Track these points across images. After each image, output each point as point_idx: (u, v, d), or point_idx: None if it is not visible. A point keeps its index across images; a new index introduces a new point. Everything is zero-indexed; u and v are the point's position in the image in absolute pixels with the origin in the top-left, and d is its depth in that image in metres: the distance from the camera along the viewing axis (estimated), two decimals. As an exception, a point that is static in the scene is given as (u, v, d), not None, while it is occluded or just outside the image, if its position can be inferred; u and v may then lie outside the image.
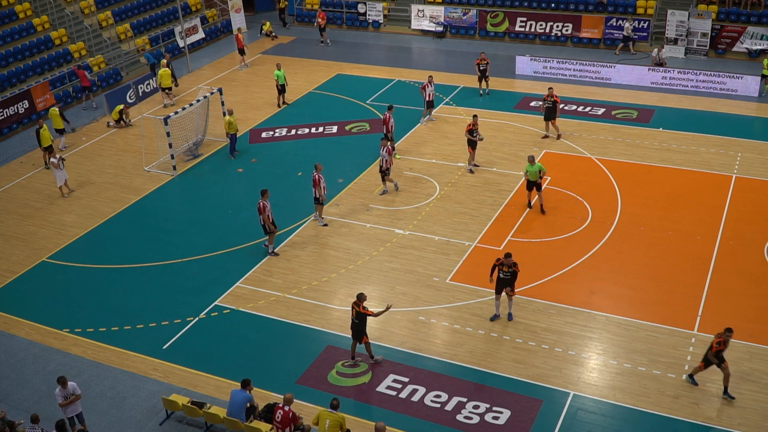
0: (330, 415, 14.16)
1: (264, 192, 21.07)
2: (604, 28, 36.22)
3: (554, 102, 26.66)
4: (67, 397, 15.30)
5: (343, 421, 14.18)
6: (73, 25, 36.22)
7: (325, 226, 22.60)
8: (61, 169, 25.05)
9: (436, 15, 39.38)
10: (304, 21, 43.22)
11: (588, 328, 18.08)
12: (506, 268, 17.66)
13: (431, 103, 28.70)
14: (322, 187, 22.08)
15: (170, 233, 23.12)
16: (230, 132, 26.86)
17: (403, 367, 17.11)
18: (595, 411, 15.74)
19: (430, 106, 28.80)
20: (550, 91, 26.92)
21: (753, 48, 33.71)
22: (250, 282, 20.44)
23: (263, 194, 21.04)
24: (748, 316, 18.09)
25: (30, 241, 23.04)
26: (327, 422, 14.12)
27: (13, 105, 30.50)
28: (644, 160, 25.54)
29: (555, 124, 27.14)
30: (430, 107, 28.87)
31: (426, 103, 28.70)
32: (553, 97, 26.68)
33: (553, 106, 26.71)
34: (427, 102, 28.63)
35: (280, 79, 30.87)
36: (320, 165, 22.40)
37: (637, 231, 21.65)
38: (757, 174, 24.32)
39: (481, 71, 31.19)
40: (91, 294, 20.44)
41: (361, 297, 16.74)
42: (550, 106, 26.72)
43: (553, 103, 26.67)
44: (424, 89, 28.46)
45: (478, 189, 24.25)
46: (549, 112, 26.81)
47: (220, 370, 17.38)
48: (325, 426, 14.12)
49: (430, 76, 28.72)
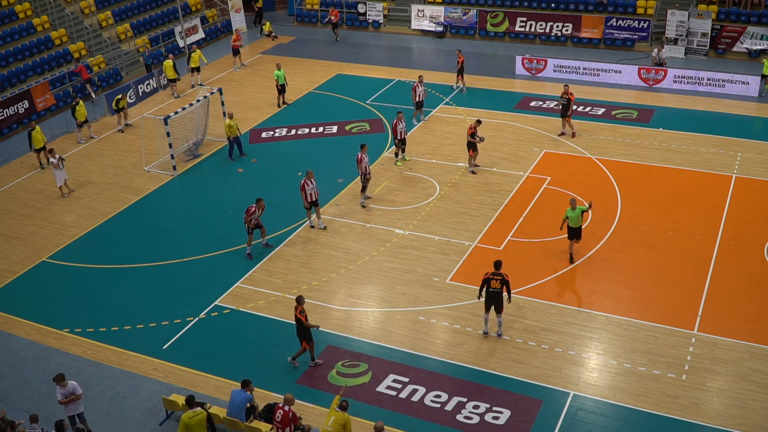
0: (336, 414, 14.17)
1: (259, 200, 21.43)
2: (604, 28, 36.24)
3: (568, 100, 26.69)
4: (67, 396, 15.30)
5: (346, 421, 14.16)
6: (73, 25, 36.22)
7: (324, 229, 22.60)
8: (61, 169, 25.06)
9: (436, 15, 39.39)
10: (304, 21, 43.23)
11: (588, 328, 18.08)
12: (496, 282, 17.08)
13: (420, 104, 28.65)
14: (307, 192, 21.93)
15: (170, 233, 23.12)
16: (230, 135, 26.78)
17: (403, 367, 17.11)
18: (595, 411, 15.74)
19: (420, 106, 28.76)
20: (565, 88, 26.88)
21: (753, 48, 33.71)
22: (250, 282, 20.44)
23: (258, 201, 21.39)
24: (748, 316, 18.10)
25: (30, 241, 23.04)
26: (331, 419, 14.13)
27: (13, 105, 30.51)
28: (644, 160, 25.54)
29: (569, 121, 27.20)
30: (420, 108, 28.83)
31: (415, 104, 28.67)
32: (568, 94, 26.67)
33: (567, 104, 26.75)
34: (417, 102, 28.58)
35: (280, 79, 30.90)
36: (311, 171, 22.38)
37: (637, 231, 21.65)
38: (757, 174, 24.32)
39: (459, 69, 31.43)
40: (91, 294, 20.45)
41: (299, 300, 16.81)
42: (564, 104, 26.79)
43: (567, 101, 26.70)
44: (414, 90, 28.42)
45: (478, 189, 24.26)
46: (563, 110, 26.96)
47: (220, 370, 17.38)
48: (329, 422, 14.12)
49: (420, 76, 28.74)
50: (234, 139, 26.90)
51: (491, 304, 17.46)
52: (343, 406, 14.25)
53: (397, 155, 26.10)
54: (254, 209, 21.13)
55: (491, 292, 17.29)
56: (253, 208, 21.13)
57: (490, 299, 17.40)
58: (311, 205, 22.27)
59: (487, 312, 17.68)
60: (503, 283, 17.15)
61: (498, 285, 17.15)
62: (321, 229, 22.50)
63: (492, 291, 17.26)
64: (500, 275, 17.17)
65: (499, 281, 17.14)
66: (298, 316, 16.68)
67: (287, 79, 31.73)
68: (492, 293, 17.30)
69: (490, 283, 17.20)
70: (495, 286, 17.17)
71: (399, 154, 26.05)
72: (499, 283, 17.14)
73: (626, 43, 35.98)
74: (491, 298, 17.37)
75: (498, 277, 17.16)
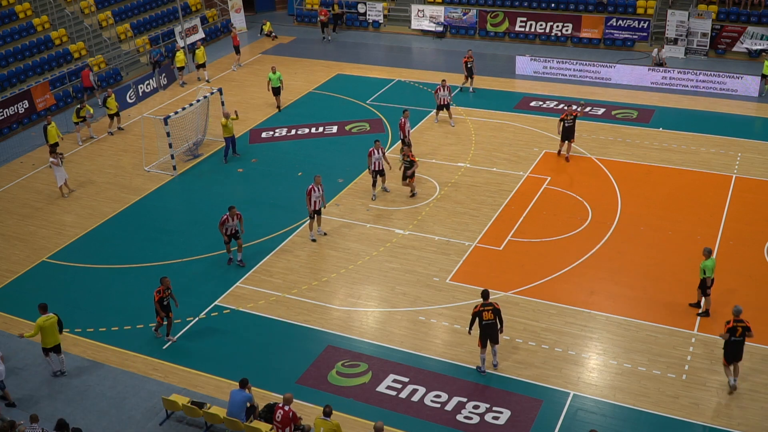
0: (324, 423, 14.12)
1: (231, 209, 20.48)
2: (604, 28, 36.24)
3: (574, 119, 25.14)
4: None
5: (337, 428, 14.15)
6: (73, 25, 36.22)
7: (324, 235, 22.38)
8: (61, 167, 25.03)
9: (436, 15, 39.38)
10: (304, 21, 43.23)
11: (588, 328, 18.08)
12: (488, 314, 16.24)
13: (442, 107, 28.36)
14: (312, 199, 21.39)
15: (170, 233, 23.11)
16: (226, 135, 26.72)
17: (403, 367, 17.11)
18: (595, 411, 15.74)
19: (441, 109, 28.52)
20: (568, 109, 25.80)
21: (753, 48, 33.71)
22: (250, 282, 20.44)
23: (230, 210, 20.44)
24: (748, 316, 18.01)
25: (30, 241, 23.04)
26: (321, 429, 14.08)
27: (13, 105, 30.49)
28: (644, 160, 25.54)
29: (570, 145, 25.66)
30: (440, 110, 28.61)
31: (438, 106, 28.50)
32: (573, 113, 25.18)
33: (573, 125, 25.13)
34: (439, 105, 28.39)
35: (273, 81, 30.56)
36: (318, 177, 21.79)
37: (637, 231, 21.65)
38: (757, 174, 24.32)
39: (468, 69, 31.21)
40: (91, 294, 20.45)
41: (163, 281, 17.88)
42: (569, 125, 25.04)
43: (573, 120, 25.08)
44: (436, 93, 28.30)
45: (478, 189, 24.26)
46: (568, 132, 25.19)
47: (220, 370, 17.38)
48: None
49: (443, 80, 28.20)
50: (229, 138, 26.82)
51: (486, 337, 16.44)
52: (326, 412, 14.15)
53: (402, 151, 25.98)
54: (226, 218, 20.32)
55: (485, 324, 16.31)
56: (225, 216, 20.36)
57: (485, 333, 16.39)
58: (315, 213, 21.76)
59: (483, 348, 16.60)
60: (495, 312, 16.35)
61: (491, 316, 16.28)
62: (321, 235, 22.29)
63: (486, 323, 16.30)
64: (491, 305, 16.39)
65: (491, 311, 16.31)
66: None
67: (283, 83, 31.38)
68: (486, 326, 16.32)
69: (482, 316, 16.28)
70: (488, 318, 16.28)
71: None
72: (492, 314, 16.30)
73: (626, 43, 35.98)
74: (486, 331, 16.37)
75: (489, 308, 16.33)
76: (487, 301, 16.52)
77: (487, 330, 16.40)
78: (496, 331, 16.51)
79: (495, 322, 16.41)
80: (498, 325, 16.49)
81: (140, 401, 16.65)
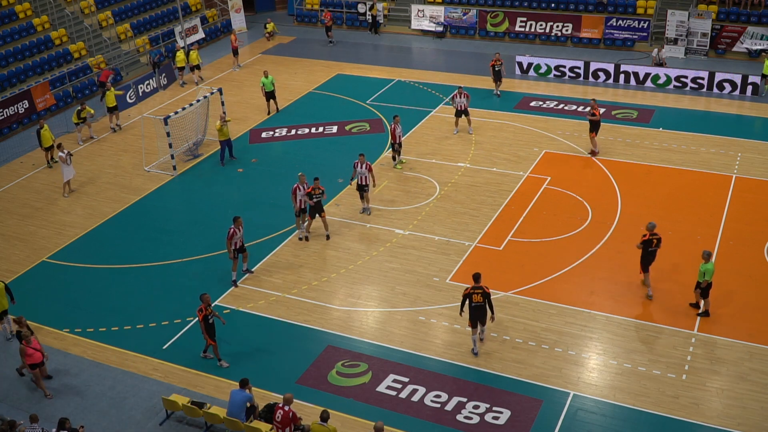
0: (321, 429, 14.12)
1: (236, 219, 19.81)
2: (604, 28, 36.24)
3: (593, 114, 25.27)
4: None
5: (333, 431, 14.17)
6: (73, 25, 36.22)
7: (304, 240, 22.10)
8: (69, 165, 24.98)
9: (436, 15, 39.39)
10: (304, 21, 43.23)
11: (588, 328, 18.08)
12: (477, 296, 16.55)
13: (460, 113, 27.57)
14: (297, 198, 21.39)
15: (170, 233, 23.11)
16: (221, 139, 26.45)
17: (403, 367, 17.11)
18: (595, 411, 15.74)
19: (459, 115, 27.69)
20: (592, 102, 25.76)
21: (753, 48, 33.72)
22: (250, 282, 20.44)
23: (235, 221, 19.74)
24: (748, 316, 18.09)
25: (30, 241, 23.04)
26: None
27: (13, 105, 30.49)
28: (644, 160, 25.54)
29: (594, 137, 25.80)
30: (459, 116, 27.75)
31: (456, 112, 27.66)
32: (594, 109, 25.31)
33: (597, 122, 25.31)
34: (457, 111, 27.58)
35: (266, 86, 30.24)
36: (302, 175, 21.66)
37: (637, 231, 21.57)
38: (757, 174, 24.32)
39: (496, 72, 30.88)
40: (91, 294, 20.44)
41: (203, 298, 16.98)
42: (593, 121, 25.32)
43: (592, 115, 25.28)
44: (453, 99, 27.68)
45: (478, 189, 24.25)
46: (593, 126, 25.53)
47: (220, 370, 17.38)
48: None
49: (460, 88, 27.45)
50: (225, 141, 26.70)
51: (476, 319, 16.90)
52: (324, 418, 14.16)
53: (394, 159, 25.99)
54: (233, 230, 19.49)
55: (474, 306, 16.71)
56: (232, 229, 19.51)
57: (474, 314, 16.84)
58: (300, 212, 21.70)
59: (474, 329, 17.09)
60: (485, 296, 16.62)
61: (480, 299, 16.59)
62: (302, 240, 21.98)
63: (475, 305, 16.69)
64: (480, 288, 16.62)
65: (480, 294, 16.58)
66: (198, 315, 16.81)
67: (275, 87, 30.95)
68: (475, 308, 16.73)
69: (472, 298, 16.63)
70: (477, 300, 16.61)
71: (396, 158, 25.94)
72: (481, 297, 16.58)
73: (626, 43, 35.98)
74: (474, 313, 16.82)
75: (479, 291, 16.59)
76: (477, 284, 16.76)
77: (475, 312, 16.85)
78: (485, 313, 16.88)
79: (484, 304, 16.76)
80: (486, 308, 16.81)
81: (140, 401, 16.65)
